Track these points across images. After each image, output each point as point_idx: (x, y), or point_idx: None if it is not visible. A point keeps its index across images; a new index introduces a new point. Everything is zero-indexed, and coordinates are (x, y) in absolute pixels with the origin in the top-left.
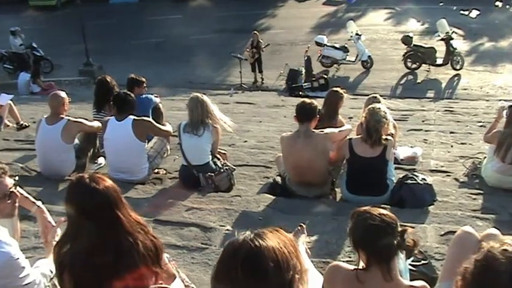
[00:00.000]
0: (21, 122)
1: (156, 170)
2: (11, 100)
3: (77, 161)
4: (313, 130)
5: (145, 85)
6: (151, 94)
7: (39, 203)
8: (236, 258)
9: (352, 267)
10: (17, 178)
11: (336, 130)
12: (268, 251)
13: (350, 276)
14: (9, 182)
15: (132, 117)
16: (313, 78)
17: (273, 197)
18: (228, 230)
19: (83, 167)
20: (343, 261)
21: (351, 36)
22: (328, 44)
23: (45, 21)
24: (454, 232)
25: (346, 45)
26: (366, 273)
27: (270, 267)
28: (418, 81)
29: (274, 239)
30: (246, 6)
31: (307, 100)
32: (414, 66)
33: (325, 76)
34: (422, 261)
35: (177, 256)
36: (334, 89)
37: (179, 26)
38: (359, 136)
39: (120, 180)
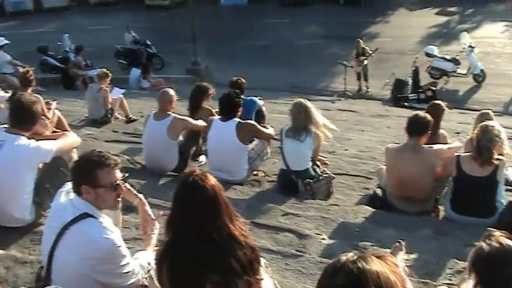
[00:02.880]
0: (130, 116)
1: (255, 172)
2: (122, 94)
3: (180, 157)
4: (423, 145)
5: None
6: (256, 96)
7: (141, 196)
8: (336, 279)
9: None
10: (127, 174)
11: (445, 147)
12: (371, 274)
13: None
14: (118, 175)
15: (236, 119)
16: (420, 90)
17: (372, 210)
18: (323, 239)
19: (184, 164)
20: (444, 284)
21: (464, 48)
22: (438, 55)
23: (159, 20)
24: None
25: (457, 57)
26: None
27: None
28: None
29: (379, 264)
30: (355, 13)
31: (421, 113)
32: None
33: (433, 88)
34: None
35: (270, 261)
36: (435, 102)
37: (286, 30)
38: (468, 153)
39: (219, 179)
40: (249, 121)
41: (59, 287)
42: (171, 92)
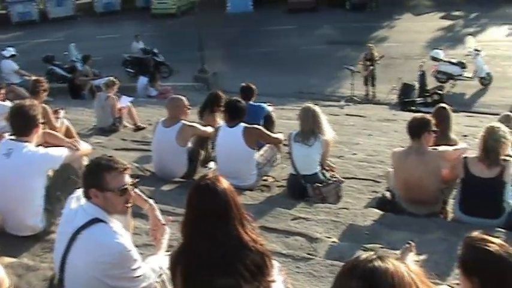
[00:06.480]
0: (139, 124)
1: (264, 177)
2: (130, 102)
3: (189, 163)
4: (427, 147)
5: (257, 93)
6: (265, 102)
7: (151, 201)
8: (351, 276)
9: None
10: (137, 180)
11: (450, 148)
12: (386, 275)
13: None
14: (127, 179)
15: (243, 124)
16: (427, 94)
17: (381, 212)
18: (334, 242)
19: (194, 170)
20: (453, 284)
21: (469, 52)
22: (444, 59)
23: (166, 28)
24: None
25: (463, 61)
26: None
27: None
28: None
29: (396, 265)
30: (360, 19)
31: (417, 115)
32: None
33: (440, 92)
34: None
35: (282, 264)
36: (440, 105)
37: (293, 37)
38: (475, 155)
39: None
40: (255, 125)
41: None
42: (181, 98)
